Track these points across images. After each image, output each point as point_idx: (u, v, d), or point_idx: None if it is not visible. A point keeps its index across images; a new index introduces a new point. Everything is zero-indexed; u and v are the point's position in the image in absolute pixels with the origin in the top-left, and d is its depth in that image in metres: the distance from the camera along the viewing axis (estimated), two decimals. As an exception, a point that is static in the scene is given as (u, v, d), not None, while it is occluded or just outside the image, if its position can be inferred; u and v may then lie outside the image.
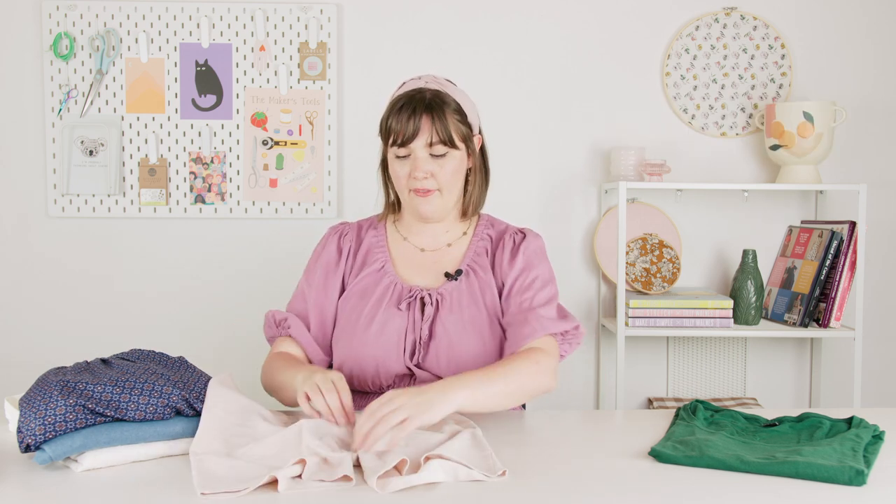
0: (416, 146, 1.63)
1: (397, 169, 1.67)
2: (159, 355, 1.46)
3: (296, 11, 2.80)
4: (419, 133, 1.62)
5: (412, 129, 1.62)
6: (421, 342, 1.63)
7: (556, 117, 2.88)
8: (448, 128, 1.63)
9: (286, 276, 2.59)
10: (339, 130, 2.84)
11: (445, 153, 1.64)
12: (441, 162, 1.64)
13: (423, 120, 1.62)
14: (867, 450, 1.33)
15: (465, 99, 1.70)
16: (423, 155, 1.64)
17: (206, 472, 1.23)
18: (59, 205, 2.79)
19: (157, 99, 2.80)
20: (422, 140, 1.62)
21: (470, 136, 1.68)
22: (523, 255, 1.70)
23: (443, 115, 1.63)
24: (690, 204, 2.90)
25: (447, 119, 1.63)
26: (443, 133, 1.62)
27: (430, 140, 1.62)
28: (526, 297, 1.66)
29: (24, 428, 1.26)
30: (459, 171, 1.68)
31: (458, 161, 1.67)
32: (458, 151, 1.66)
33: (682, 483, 1.23)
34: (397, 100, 1.66)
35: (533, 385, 1.56)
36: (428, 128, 1.62)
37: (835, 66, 2.88)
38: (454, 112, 1.65)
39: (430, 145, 1.63)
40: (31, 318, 2.82)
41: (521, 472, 1.29)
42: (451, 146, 1.64)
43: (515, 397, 1.53)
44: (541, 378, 1.56)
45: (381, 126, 1.69)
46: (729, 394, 2.93)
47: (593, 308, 2.92)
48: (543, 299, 1.66)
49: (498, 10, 2.85)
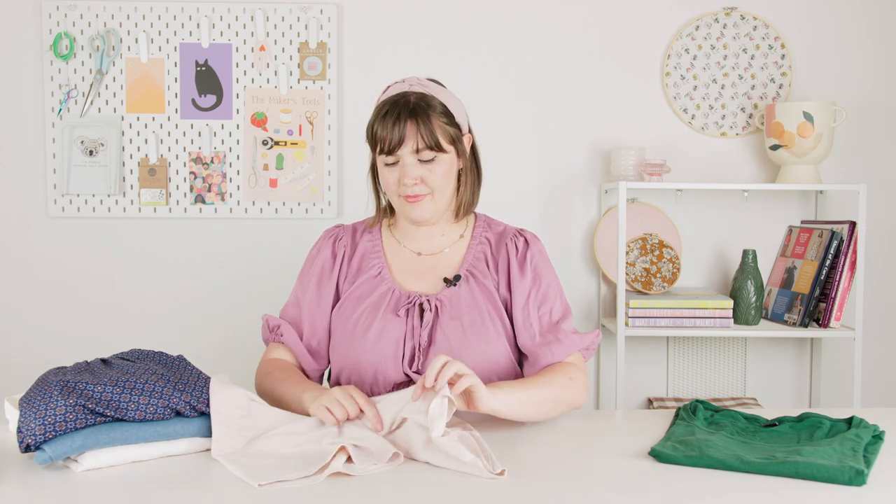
0: (404, 153, 1.61)
1: (387, 175, 1.65)
2: (159, 354, 1.46)
3: (296, 11, 2.80)
4: (405, 140, 1.60)
5: (398, 136, 1.60)
6: (420, 349, 1.62)
7: (556, 117, 2.88)
8: (434, 132, 1.61)
9: (286, 276, 2.59)
10: (339, 130, 2.84)
11: (433, 157, 1.62)
12: (430, 166, 1.63)
13: (409, 126, 1.60)
14: (867, 450, 1.33)
15: (452, 99, 1.68)
16: (411, 161, 1.62)
17: (249, 467, 1.27)
18: (59, 205, 2.79)
19: (157, 99, 2.80)
20: (408, 147, 1.61)
21: (459, 137, 1.66)
22: (531, 263, 1.70)
23: (428, 120, 1.61)
24: (690, 204, 2.90)
25: (433, 123, 1.61)
26: (429, 138, 1.60)
27: (417, 146, 1.60)
28: (545, 311, 1.68)
29: (24, 428, 1.26)
30: (450, 174, 1.66)
31: (448, 164, 1.65)
32: (447, 154, 1.64)
33: (682, 483, 1.23)
34: (382, 105, 1.64)
35: (568, 397, 1.59)
36: (413, 134, 1.60)
37: (835, 66, 2.88)
38: (440, 115, 1.63)
39: (417, 151, 1.61)
40: (31, 318, 2.82)
41: (521, 471, 1.30)
42: (438, 150, 1.62)
43: (549, 407, 1.56)
44: (575, 392, 1.61)
45: (367, 132, 1.68)
46: (729, 394, 2.93)
47: (593, 308, 2.92)
48: (561, 311, 1.69)
49: (498, 10, 2.85)
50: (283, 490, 1.20)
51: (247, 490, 1.21)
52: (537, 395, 1.53)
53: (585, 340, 1.67)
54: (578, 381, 1.61)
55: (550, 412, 1.57)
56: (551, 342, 1.65)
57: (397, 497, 1.19)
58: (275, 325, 1.71)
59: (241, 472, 1.25)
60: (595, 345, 1.69)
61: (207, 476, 1.27)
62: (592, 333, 1.68)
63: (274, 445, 1.35)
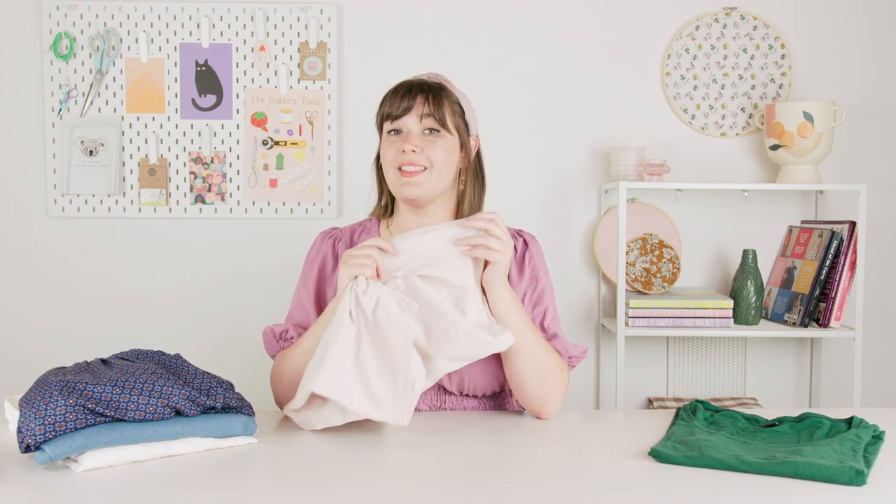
0: (409, 121, 1.63)
1: (387, 149, 1.65)
2: (158, 354, 1.46)
3: (296, 11, 2.80)
4: (413, 108, 1.62)
5: (407, 102, 1.62)
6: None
7: (555, 117, 2.88)
8: (442, 108, 1.63)
9: (286, 275, 2.60)
10: (339, 130, 2.84)
11: (438, 131, 1.63)
12: (433, 139, 1.63)
13: (418, 98, 1.63)
14: (867, 450, 1.33)
15: (466, 100, 1.70)
16: (415, 130, 1.63)
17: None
18: (59, 205, 2.79)
19: (157, 99, 2.80)
20: (414, 113, 1.63)
21: (464, 132, 1.68)
22: (529, 264, 1.71)
23: (439, 98, 1.64)
24: (690, 204, 2.90)
25: (443, 101, 1.64)
26: (436, 111, 1.62)
27: (423, 113, 1.62)
28: (538, 312, 1.69)
29: (24, 428, 1.26)
30: (451, 157, 1.65)
31: (451, 146, 1.65)
32: (452, 137, 1.65)
33: (682, 483, 1.23)
34: (396, 85, 1.68)
35: (550, 381, 1.59)
36: (421, 103, 1.63)
37: (835, 66, 2.88)
38: (453, 102, 1.66)
39: (422, 118, 1.62)
40: (31, 318, 2.82)
41: (522, 471, 1.30)
42: (442, 127, 1.63)
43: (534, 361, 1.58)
44: (557, 388, 1.60)
45: (378, 113, 1.69)
46: (729, 394, 2.93)
47: (593, 308, 2.92)
48: (553, 315, 1.70)
49: (498, 10, 2.85)
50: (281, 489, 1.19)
51: (247, 490, 1.21)
52: (536, 342, 1.57)
53: (575, 350, 1.68)
54: (563, 383, 1.61)
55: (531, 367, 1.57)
56: None
57: (397, 497, 1.19)
58: (281, 330, 1.67)
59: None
60: (580, 359, 1.69)
61: (207, 476, 1.27)
62: (581, 347, 1.69)
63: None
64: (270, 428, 1.53)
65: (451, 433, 1.49)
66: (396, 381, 1.43)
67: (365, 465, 1.32)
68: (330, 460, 1.35)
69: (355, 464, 1.32)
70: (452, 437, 1.47)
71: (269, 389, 1.67)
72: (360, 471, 1.29)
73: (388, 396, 1.42)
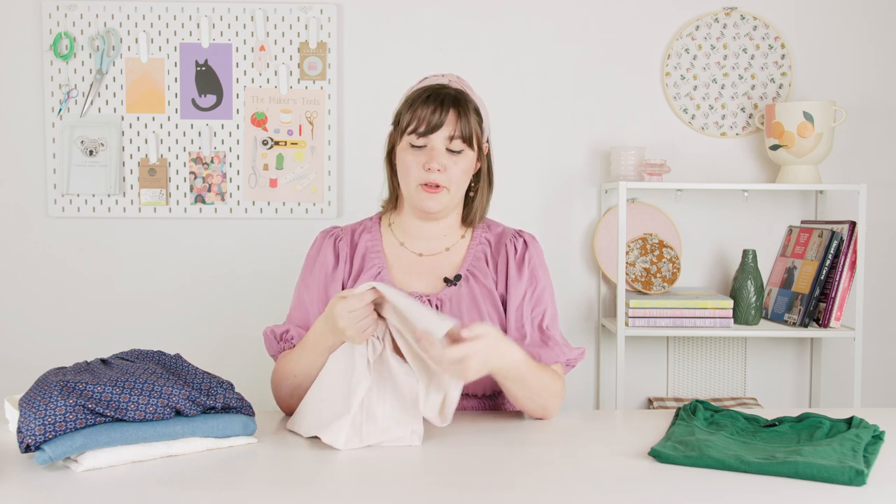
0: (437, 138, 1.63)
1: (409, 159, 1.65)
2: (157, 354, 1.46)
3: (296, 11, 2.80)
4: (444, 125, 1.62)
5: (437, 120, 1.62)
6: None
7: (555, 117, 2.88)
8: (470, 126, 1.64)
9: (286, 275, 2.59)
10: (339, 130, 2.84)
11: (462, 150, 1.64)
12: (456, 159, 1.64)
13: (450, 114, 1.63)
14: (867, 450, 1.33)
15: (483, 105, 1.72)
16: (440, 147, 1.63)
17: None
18: (59, 205, 2.79)
19: (157, 99, 2.80)
20: (444, 133, 1.62)
21: (481, 141, 1.69)
22: (528, 265, 1.70)
23: (467, 113, 1.64)
24: (690, 204, 2.90)
25: (469, 116, 1.64)
26: (465, 130, 1.63)
27: (452, 134, 1.62)
28: (537, 313, 1.68)
29: (24, 428, 1.26)
30: (468, 172, 1.68)
31: (470, 162, 1.67)
32: (472, 153, 1.67)
33: (682, 483, 1.23)
34: (422, 90, 1.66)
35: (546, 398, 1.58)
36: (453, 121, 1.63)
37: (835, 66, 2.88)
38: (474, 112, 1.66)
39: (451, 139, 1.63)
40: (30, 318, 2.82)
41: (521, 472, 1.30)
42: (468, 145, 1.64)
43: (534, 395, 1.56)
44: (553, 400, 1.60)
45: (399, 113, 1.68)
46: (729, 394, 2.93)
47: (593, 308, 2.92)
48: (552, 317, 1.70)
49: (498, 10, 2.85)
50: (281, 489, 1.19)
51: (247, 490, 1.21)
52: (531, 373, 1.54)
53: (572, 353, 1.67)
54: (559, 393, 1.61)
55: (530, 402, 1.57)
56: (540, 345, 1.65)
57: (398, 497, 1.19)
58: (282, 331, 1.67)
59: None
60: (577, 361, 1.69)
61: (207, 476, 1.27)
62: (579, 349, 1.69)
63: None
64: (270, 428, 1.53)
65: (451, 433, 1.49)
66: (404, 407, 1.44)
67: (365, 465, 1.32)
68: (330, 461, 1.35)
69: (355, 464, 1.32)
70: (452, 438, 1.47)
71: (269, 389, 1.67)
72: (360, 471, 1.29)
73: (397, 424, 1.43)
